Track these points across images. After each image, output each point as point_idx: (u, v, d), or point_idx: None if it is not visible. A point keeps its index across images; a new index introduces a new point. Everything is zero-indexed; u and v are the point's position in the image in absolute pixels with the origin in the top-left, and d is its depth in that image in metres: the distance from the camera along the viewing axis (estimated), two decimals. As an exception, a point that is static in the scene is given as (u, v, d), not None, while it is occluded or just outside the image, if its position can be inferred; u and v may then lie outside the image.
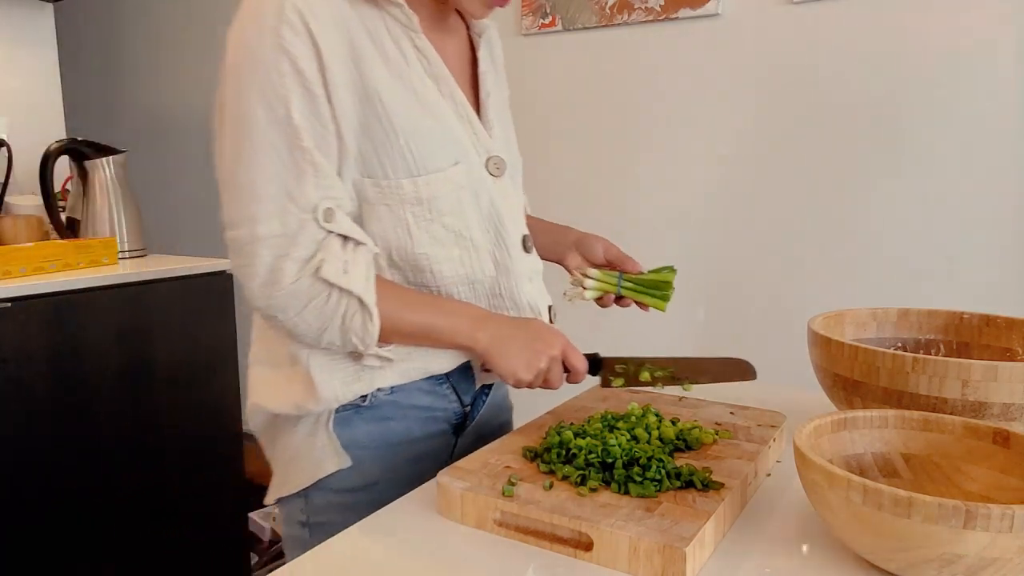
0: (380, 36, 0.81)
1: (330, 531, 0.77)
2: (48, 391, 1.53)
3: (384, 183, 0.82)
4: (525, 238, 0.95)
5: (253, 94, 0.76)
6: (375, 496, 0.84)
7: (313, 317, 0.79)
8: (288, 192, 0.77)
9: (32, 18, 2.17)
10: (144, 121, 3.16)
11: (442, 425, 0.96)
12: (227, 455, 1.92)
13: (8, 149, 1.94)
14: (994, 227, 1.65)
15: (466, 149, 0.87)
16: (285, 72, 0.75)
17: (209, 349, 1.85)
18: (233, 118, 0.78)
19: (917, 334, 1.03)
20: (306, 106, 0.76)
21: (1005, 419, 0.77)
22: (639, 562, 0.62)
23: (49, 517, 1.55)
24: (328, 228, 0.78)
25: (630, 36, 2.01)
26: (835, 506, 0.60)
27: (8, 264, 1.55)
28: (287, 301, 0.78)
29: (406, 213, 0.83)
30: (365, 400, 0.89)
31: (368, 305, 0.79)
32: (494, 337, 0.84)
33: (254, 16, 0.77)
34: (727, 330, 1.90)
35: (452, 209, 0.85)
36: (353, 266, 0.79)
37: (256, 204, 0.77)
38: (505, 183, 0.92)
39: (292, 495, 0.92)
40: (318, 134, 0.77)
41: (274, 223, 0.77)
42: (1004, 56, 1.60)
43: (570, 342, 0.88)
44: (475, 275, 0.89)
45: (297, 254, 0.77)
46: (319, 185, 0.78)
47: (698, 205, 1.98)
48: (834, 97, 1.78)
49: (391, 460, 0.91)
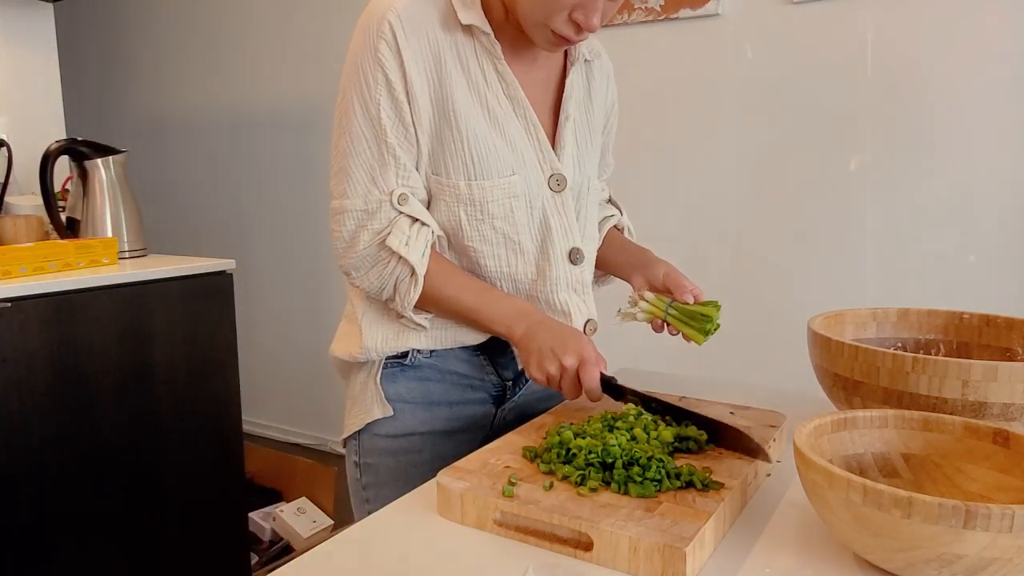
0: (467, 59, 0.95)
1: (375, 472, 1.05)
2: (48, 391, 1.53)
3: (445, 181, 0.95)
4: (573, 251, 1.02)
5: (354, 95, 0.93)
6: (413, 445, 1.03)
7: (375, 277, 0.95)
8: (373, 177, 0.93)
9: (32, 18, 2.17)
10: (144, 121, 3.16)
11: (480, 394, 1.06)
12: (227, 455, 1.92)
13: (8, 149, 1.94)
14: (994, 227, 1.65)
15: (528, 164, 0.98)
16: (378, 80, 0.91)
17: (209, 349, 1.85)
18: (340, 112, 0.95)
19: (917, 334, 1.03)
20: (391, 109, 0.92)
21: (1005, 419, 0.77)
22: (639, 562, 0.62)
23: (49, 517, 1.55)
24: (401, 210, 0.93)
25: (630, 36, 2.01)
26: (835, 506, 0.60)
27: (8, 264, 1.55)
28: (359, 262, 0.95)
29: (459, 210, 0.96)
30: (406, 359, 1.03)
31: (418, 275, 0.93)
32: (527, 332, 0.93)
33: (362, 31, 0.93)
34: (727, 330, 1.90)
35: (504, 214, 0.97)
36: (414, 241, 0.93)
37: (348, 184, 0.94)
38: (565, 198, 1.01)
39: (350, 437, 1.07)
40: (400, 133, 0.93)
41: (359, 200, 0.93)
42: (1004, 56, 1.60)
43: (593, 359, 0.89)
44: (517, 275, 1.00)
45: (373, 227, 0.94)
46: (398, 174, 0.93)
47: (698, 205, 1.98)
48: (834, 97, 1.78)
49: (429, 416, 1.04)
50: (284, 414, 2.89)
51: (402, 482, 1.02)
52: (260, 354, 2.84)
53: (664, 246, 2.00)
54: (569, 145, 1.02)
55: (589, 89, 1.08)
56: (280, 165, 2.76)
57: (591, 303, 1.06)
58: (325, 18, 2.61)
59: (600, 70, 1.11)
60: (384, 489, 1.04)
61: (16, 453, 1.49)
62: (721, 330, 0.99)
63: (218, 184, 2.97)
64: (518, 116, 0.97)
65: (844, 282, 1.81)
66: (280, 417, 2.90)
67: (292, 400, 2.86)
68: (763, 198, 1.89)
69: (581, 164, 1.05)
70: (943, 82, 1.66)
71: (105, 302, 1.63)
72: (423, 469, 1.02)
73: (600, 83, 1.10)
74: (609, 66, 1.14)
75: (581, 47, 1.04)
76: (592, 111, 1.08)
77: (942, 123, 1.67)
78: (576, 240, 1.02)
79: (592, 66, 1.09)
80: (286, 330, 2.86)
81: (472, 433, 1.07)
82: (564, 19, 0.89)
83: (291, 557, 1.65)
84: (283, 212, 2.80)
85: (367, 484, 1.06)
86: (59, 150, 1.82)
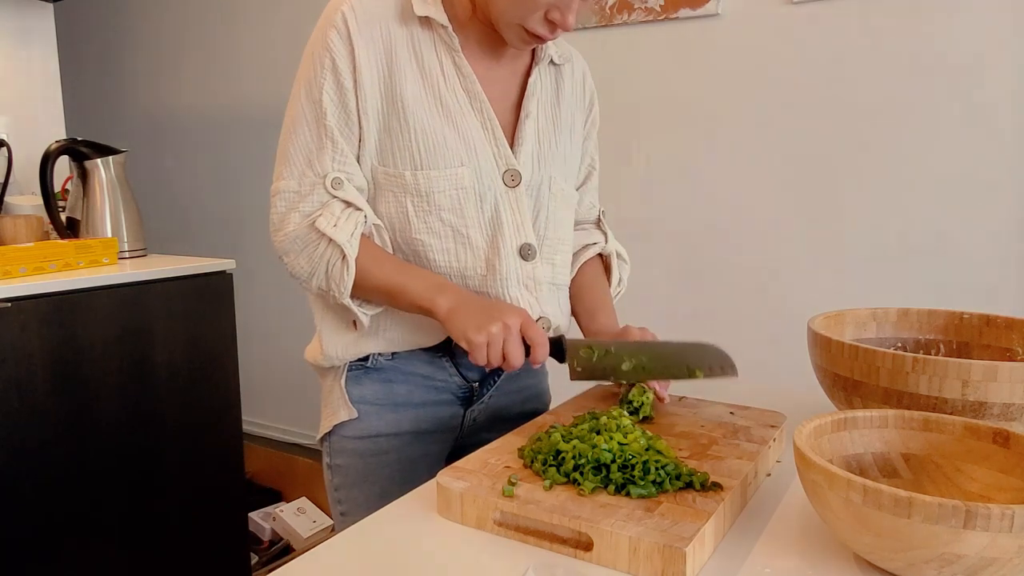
0: (423, 51, 0.96)
1: (344, 473, 1.05)
2: (48, 391, 1.53)
3: (392, 171, 0.95)
4: (524, 247, 1.00)
5: (302, 78, 0.95)
6: (379, 447, 1.04)
7: (305, 261, 0.94)
8: (309, 160, 0.94)
9: (32, 18, 2.17)
10: (144, 121, 3.16)
11: (445, 395, 1.06)
12: (227, 455, 1.92)
13: (8, 149, 1.94)
14: (994, 227, 1.65)
15: (482, 157, 0.97)
16: (325, 65, 0.92)
17: (209, 349, 1.85)
18: (291, 95, 0.97)
19: (917, 334, 1.03)
20: (335, 94, 0.93)
21: (1005, 419, 0.77)
22: (639, 562, 0.62)
23: (49, 516, 1.55)
24: (334, 194, 0.93)
25: (630, 36, 2.01)
26: (835, 506, 0.60)
27: (8, 264, 1.55)
28: (289, 245, 0.94)
29: (407, 201, 0.96)
30: (368, 361, 1.03)
31: (348, 256, 0.92)
32: (454, 302, 0.91)
33: (320, 20, 0.95)
34: (727, 330, 1.90)
35: (451, 205, 0.96)
36: (343, 223, 0.92)
37: (284, 165, 0.95)
38: (519, 193, 1.00)
39: (322, 439, 1.09)
40: (341, 118, 0.93)
41: (292, 181, 0.94)
42: (1004, 56, 1.60)
43: (532, 319, 0.90)
44: (466, 270, 0.98)
45: (303, 208, 0.93)
46: (335, 159, 0.94)
47: (697, 204, 1.98)
48: (834, 97, 1.78)
49: (395, 418, 1.04)
50: (284, 414, 2.89)
51: (370, 483, 1.04)
52: (260, 354, 2.84)
53: (663, 246, 2.01)
54: (528, 142, 1.01)
55: (558, 91, 1.08)
56: (280, 165, 2.76)
57: (545, 301, 1.03)
58: (325, 18, 2.60)
59: (572, 74, 1.10)
60: (353, 490, 1.05)
61: (16, 453, 1.49)
62: (721, 330, 0.99)
63: (218, 184, 2.97)
64: (474, 110, 0.97)
65: (844, 282, 1.81)
66: (280, 417, 2.90)
67: (292, 400, 2.86)
68: (763, 197, 1.89)
69: (541, 162, 1.03)
70: (943, 82, 1.66)
71: (105, 302, 1.63)
72: (391, 471, 1.04)
73: (571, 86, 1.10)
74: (583, 67, 1.14)
75: (549, 48, 1.05)
76: (559, 112, 1.07)
77: (942, 123, 1.67)
78: (528, 236, 1.00)
79: (563, 70, 1.09)
80: (286, 330, 2.85)
81: (441, 434, 1.07)
82: (540, 18, 0.91)
83: (291, 557, 1.65)
84: (283, 212, 2.80)
85: (338, 485, 1.07)
86: (59, 150, 1.82)
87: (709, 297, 1.96)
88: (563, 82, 1.09)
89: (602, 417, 0.83)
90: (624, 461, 0.73)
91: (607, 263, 1.18)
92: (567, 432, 0.80)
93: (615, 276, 1.18)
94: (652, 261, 1.99)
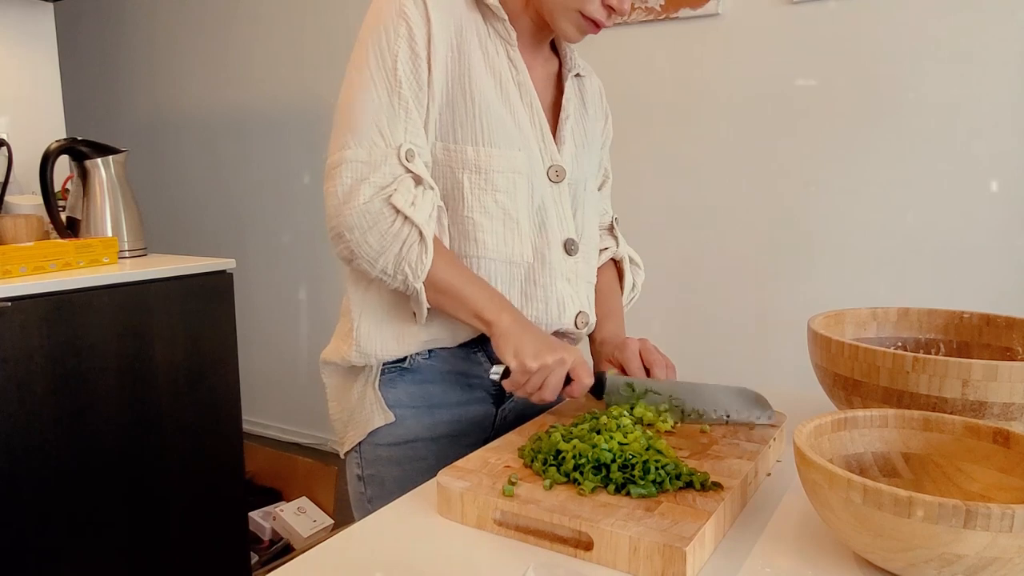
0: (486, 38, 0.96)
1: (379, 483, 1.00)
2: (48, 391, 1.53)
3: (452, 146, 0.93)
4: (568, 242, 1.02)
5: (370, 45, 0.90)
6: (416, 452, 1.00)
7: (375, 239, 0.88)
8: (379, 128, 0.89)
9: (32, 18, 2.17)
10: (144, 121, 3.16)
11: (479, 392, 1.04)
12: (227, 455, 1.92)
13: (8, 149, 1.93)
14: (994, 227, 1.65)
15: (532, 147, 0.97)
16: (400, 33, 0.89)
17: (209, 349, 1.85)
18: (352, 64, 0.92)
19: (917, 334, 1.03)
20: (410, 64, 0.90)
21: (1005, 419, 0.77)
22: (639, 562, 0.62)
23: (49, 516, 1.55)
24: (407, 167, 0.88)
25: (630, 36, 2.01)
26: (835, 506, 0.60)
27: (8, 264, 1.55)
28: (356, 220, 0.87)
29: (464, 177, 0.93)
30: (405, 362, 1.00)
31: (426, 238, 0.88)
32: (516, 323, 0.90)
33: None
34: (728, 330, 1.90)
35: (506, 188, 0.95)
36: (421, 202, 0.88)
37: (350, 133, 0.89)
38: (562, 190, 1.01)
39: (350, 451, 1.04)
40: (414, 89, 0.90)
41: (361, 151, 0.88)
42: (1003, 55, 1.60)
43: (584, 361, 0.91)
44: (514, 256, 0.97)
45: (375, 180, 0.87)
46: (408, 129, 0.90)
47: (697, 204, 1.98)
48: (833, 96, 1.78)
49: (432, 421, 1.01)
50: (284, 414, 2.89)
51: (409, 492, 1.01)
52: (260, 354, 2.84)
53: (664, 245, 2.01)
54: (568, 142, 1.03)
55: (583, 100, 1.10)
56: (280, 165, 2.76)
57: (583, 296, 1.04)
58: (326, 18, 2.61)
59: (591, 88, 1.13)
60: (391, 500, 1.01)
61: (16, 453, 1.49)
62: (721, 331, 0.99)
63: (218, 184, 2.97)
64: (524, 103, 0.98)
65: (844, 282, 1.81)
66: (280, 417, 2.90)
67: (292, 400, 2.86)
68: (763, 198, 1.89)
69: (579, 162, 1.06)
70: (943, 81, 1.66)
71: (105, 302, 1.63)
72: (427, 477, 0.97)
73: (593, 98, 1.13)
74: (599, 83, 1.17)
75: (576, 59, 1.08)
76: (587, 120, 1.10)
77: (942, 122, 1.67)
78: (571, 231, 1.02)
79: (584, 82, 1.11)
80: (286, 330, 2.86)
81: (475, 436, 1.05)
82: (598, 4, 0.92)
83: (291, 557, 1.65)
84: (283, 212, 2.80)
85: (372, 497, 1.02)
86: (59, 150, 1.82)
87: (709, 296, 1.96)
88: (586, 93, 1.11)
89: (602, 417, 0.83)
90: (624, 461, 0.73)
91: (620, 268, 1.19)
92: (567, 432, 0.80)
93: (628, 281, 1.19)
94: (651, 261, 1.99)
